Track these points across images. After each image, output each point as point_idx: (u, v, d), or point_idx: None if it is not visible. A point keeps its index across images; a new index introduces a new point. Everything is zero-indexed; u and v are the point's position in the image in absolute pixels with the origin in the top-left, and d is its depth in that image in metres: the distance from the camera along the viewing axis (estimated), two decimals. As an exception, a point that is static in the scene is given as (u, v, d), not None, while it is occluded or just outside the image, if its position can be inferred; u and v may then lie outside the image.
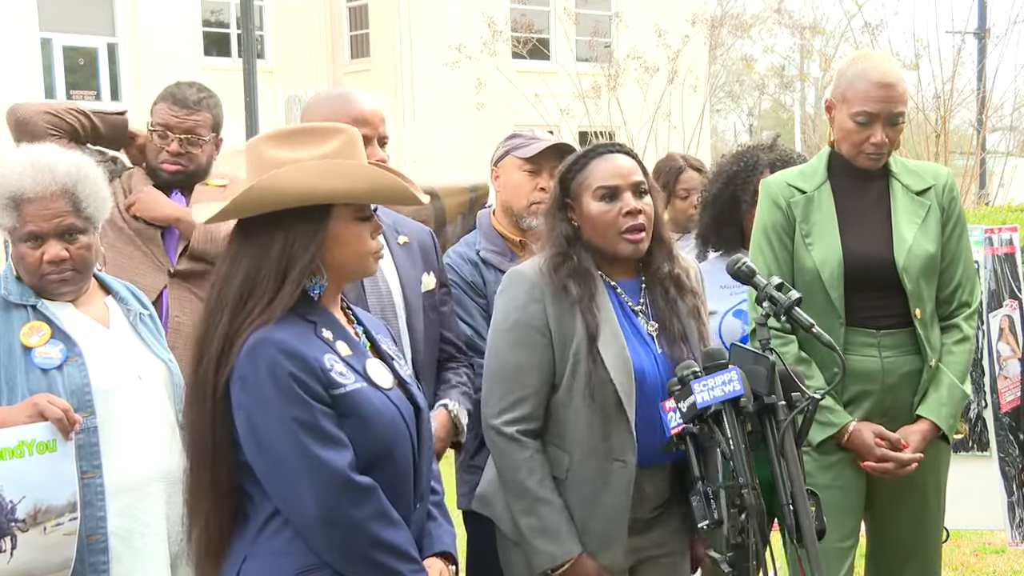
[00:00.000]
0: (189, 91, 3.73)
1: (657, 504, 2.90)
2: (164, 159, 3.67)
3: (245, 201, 2.31)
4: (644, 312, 2.91)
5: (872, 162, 3.32)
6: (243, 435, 2.27)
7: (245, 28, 12.80)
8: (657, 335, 2.89)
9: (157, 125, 3.68)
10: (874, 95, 3.24)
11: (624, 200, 2.84)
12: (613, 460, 2.80)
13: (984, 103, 13.99)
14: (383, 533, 2.27)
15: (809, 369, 3.24)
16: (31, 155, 2.81)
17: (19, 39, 20.54)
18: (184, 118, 3.66)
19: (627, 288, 2.93)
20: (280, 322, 2.27)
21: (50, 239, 2.77)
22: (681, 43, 16.27)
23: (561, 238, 2.89)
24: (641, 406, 2.81)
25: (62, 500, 2.65)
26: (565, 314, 2.83)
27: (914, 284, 3.27)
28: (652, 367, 2.84)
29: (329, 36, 25.48)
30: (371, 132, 3.03)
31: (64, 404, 2.66)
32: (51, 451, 2.63)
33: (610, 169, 2.88)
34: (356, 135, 2.41)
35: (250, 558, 2.30)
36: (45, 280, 2.79)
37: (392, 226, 3.20)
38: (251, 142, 2.42)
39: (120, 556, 2.77)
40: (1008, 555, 5.42)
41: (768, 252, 3.35)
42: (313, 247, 2.31)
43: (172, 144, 3.65)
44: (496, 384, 2.88)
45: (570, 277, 2.84)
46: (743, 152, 3.74)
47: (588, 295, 2.83)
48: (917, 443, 3.26)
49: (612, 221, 2.85)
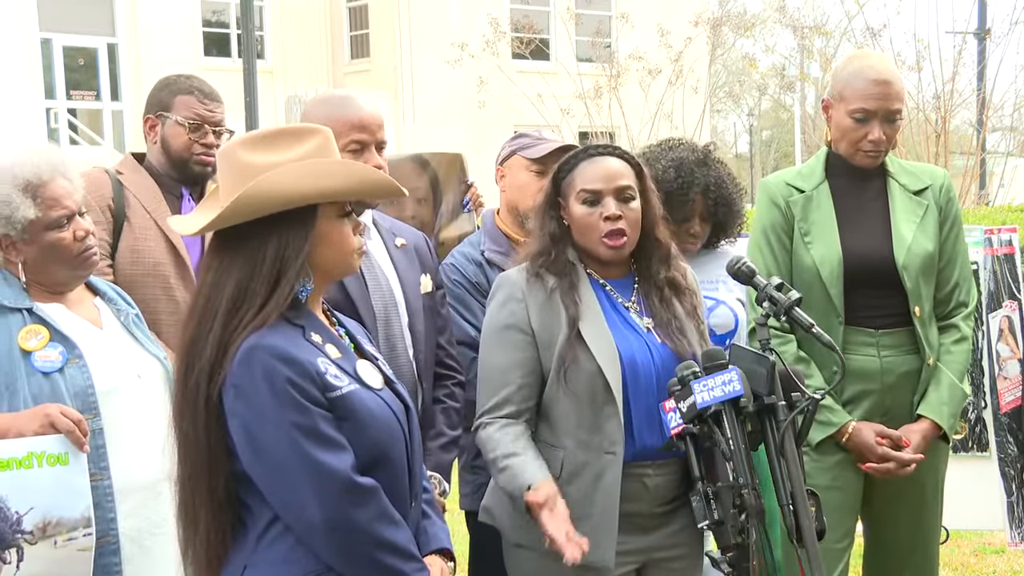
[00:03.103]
0: (206, 85, 3.68)
1: (666, 500, 2.84)
2: (199, 151, 3.56)
3: (238, 208, 2.27)
4: (636, 309, 2.89)
5: (870, 160, 3.33)
6: (240, 444, 2.23)
7: (245, 28, 12.81)
8: (654, 329, 2.86)
9: (191, 118, 3.57)
10: (871, 92, 3.27)
11: (605, 205, 2.83)
12: (604, 453, 2.77)
13: (984, 103, 13.99)
14: (386, 533, 2.26)
15: (808, 368, 3.25)
16: (24, 144, 2.84)
17: (19, 39, 20.52)
18: (215, 110, 3.60)
19: (618, 286, 2.92)
20: (269, 328, 2.25)
21: (75, 218, 2.81)
22: (683, 44, 16.28)
23: (547, 236, 2.89)
24: (635, 397, 2.78)
25: (75, 514, 2.61)
26: (547, 309, 2.82)
27: (913, 282, 3.28)
28: (645, 357, 2.81)
29: (329, 36, 25.50)
30: (369, 138, 3.01)
31: (77, 416, 2.64)
32: (63, 464, 2.60)
33: (596, 173, 2.86)
34: (329, 133, 2.39)
35: (250, 567, 2.28)
36: (83, 257, 2.82)
37: (389, 229, 3.20)
38: (225, 148, 2.38)
39: (131, 557, 2.76)
40: (1008, 555, 5.42)
41: (767, 251, 3.36)
42: (305, 247, 2.29)
43: (208, 136, 3.57)
44: (483, 387, 2.88)
45: (547, 268, 2.85)
46: (679, 166, 3.58)
47: (568, 285, 2.83)
48: (918, 442, 3.27)
49: (594, 225, 2.84)
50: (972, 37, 15.09)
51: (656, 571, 2.87)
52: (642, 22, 17.65)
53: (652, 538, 2.85)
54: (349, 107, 3.04)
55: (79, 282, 2.87)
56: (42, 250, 2.80)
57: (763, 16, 24.60)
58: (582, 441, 2.79)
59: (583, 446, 2.78)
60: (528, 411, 2.83)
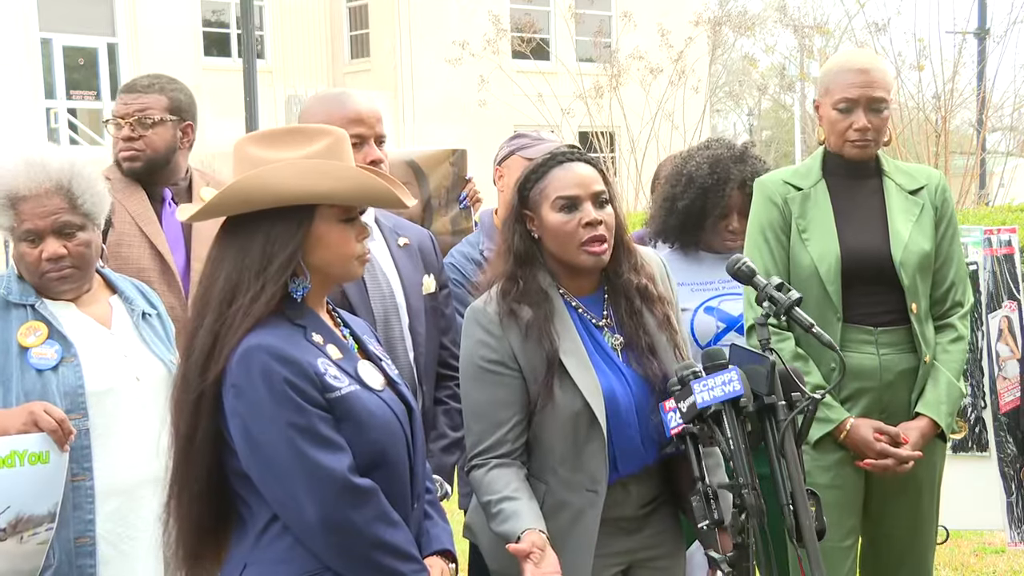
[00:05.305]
0: (141, 80, 3.62)
1: (645, 502, 2.85)
2: (119, 148, 3.53)
3: (225, 199, 2.28)
4: (608, 326, 2.83)
5: (858, 149, 3.35)
6: (239, 442, 2.24)
7: (245, 28, 12.81)
8: (623, 349, 2.81)
9: (113, 118, 3.56)
10: (851, 81, 3.32)
11: (584, 211, 2.74)
12: (586, 491, 2.74)
13: (984, 103, 13.98)
14: (384, 535, 2.26)
15: (806, 365, 3.26)
16: (24, 153, 2.81)
17: (19, 39, 20.54)
18: (131, 101, 3.53)
19: (589, 304, 2.83)
20: (270, 327, 2.25)
21: (48, 237, 2.78)
22: (683, 43, 16.27)
23: (512, 258, 2.79)
24: (617, 430, 2.73)
25: (43, 510, 2.62)
26: (526, 342, 2.74)
27: (910, 279, 3.29)
28: (623, 389, 2.76)
29: (329, 36, 25.49)
30: (367, 132, 3.03)
31: (61, 414, 2.64)
32: (43, 462, 2.61)
33: (570, 178, 2.77)
34: (343, 136, 2.38)
35: (250, 565, 2.29)
36: (45, 278, 2.80)
37: (393, 228, 3.20)
38: (237, 142, 2.39)
39: (108, 560, 2.76)
40: (1008, 555, 5.43)
41: (765, 249, 3.37)
42: (292, 245, 2.28)
43: (123, 130, 3.52)
44: (474, 425, 2.79)
45: (520, 302, 2.75)
46: (715, 162, 3.63)
47: (543, 317, 2.73)
48: (916, 440, 3.27)
49: (572, 232, 2.74)
50: (972, 37, 15.08)
51: (641, 571, 2.87)
52: (643, 22, 17.61)
53: (636, 539, 2.85)
54: (346, 102, 3.05)
55: (62, 295, 2.84)
56: (15, 258, 2.84)
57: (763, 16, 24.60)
58: (564, 479, 2.75)
59: (565, 484, 2.75)
60: (521, 448, 2.77)
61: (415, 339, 3.09)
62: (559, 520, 2.72)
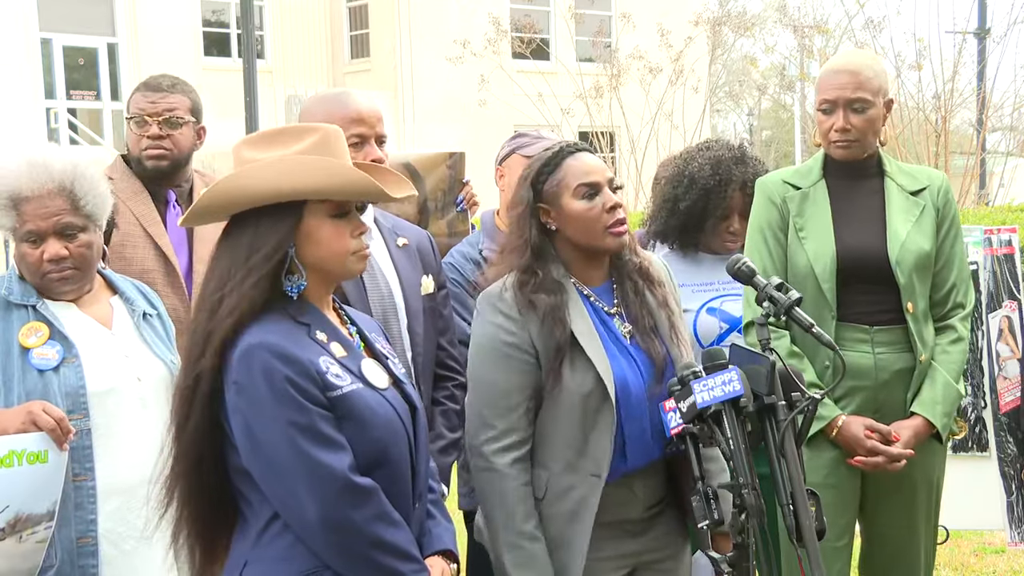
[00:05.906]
0: (162, 79, 3.63)
1: (651, 504, 2.86)
2: (146, 146, 3.54)
3: (207, 202, 2.29)
4: (619, 314, 2.88)
5: (840, 149, 3.37)
6: (240, 440, 2.25)
7: (245, 28, 12.82)
8: (631, 334, 2.85)
9: (135, 114, 3.56)
10: (832, 82, 3.36)
11: (605, 196, 2.82)
12: (590, 475, 2.76)
13: (984, 103, 13.99)
14: (384, 534, 2.26)
15: (801, 363, 3.28)
16: (26, 154, 2.81)
17: (19, 39, 20.56)
18: (158, 100, 3.55)
19: (600, 293, 2.88)
20: (273, 325, 2.26)
21: (49, 238, 2.78)
22: (683, 43, 16.28)
23: (528, 251, 2.83)
24: (627, 416, 2.76)
25: (42, 509, 2.63)
26: (543, 327, 2.77)
27: (907, 278, 3.30)
28: (635, 377, 2.79)
29: (329, 36, 25.50)
30: (368, 131, 3.03)
31: (59, 413, 2.64)
32: (42, 462, 2.61)
33: (586, 166, 2.85)
34: (335, 132, 2.36)
35: (251, 563, 2.29)
36: (46, 279, 2.80)
37: (392, 229, 3.20)
38: (235, 146, 2.38)
39: (110, 559, 2.76)
40: (1008, 555, 5.43)
41: (763, 249, 3.38)
42: (276, 237, 2.28)
43: (151, 128, 3.53)
44: (484, 407, 2.80)
45: (537, 292, 2.79)
46: (716, 164, 3.65)
47: (559, 304, 2.78)
48: (908, 438, 3.27)
49: (597, 217, 2.81)
50: (972, 37, 15.08)
51: (646, 573, 2.88)
52: (643, 22, 17.63)
53: (641, 542, 2.86)
54: (347, 102, 3.05)
55: (63, 296, 2.85)
56: (16, 258, 2.84)
57: (763, 16, 24.61)
58: (569, 463, 2.77)
59: (570, 468, 2.77)
60: (530, 437, 2.79)
61: (413, 340, 3.09)
62: (562, 506, 2.75)
